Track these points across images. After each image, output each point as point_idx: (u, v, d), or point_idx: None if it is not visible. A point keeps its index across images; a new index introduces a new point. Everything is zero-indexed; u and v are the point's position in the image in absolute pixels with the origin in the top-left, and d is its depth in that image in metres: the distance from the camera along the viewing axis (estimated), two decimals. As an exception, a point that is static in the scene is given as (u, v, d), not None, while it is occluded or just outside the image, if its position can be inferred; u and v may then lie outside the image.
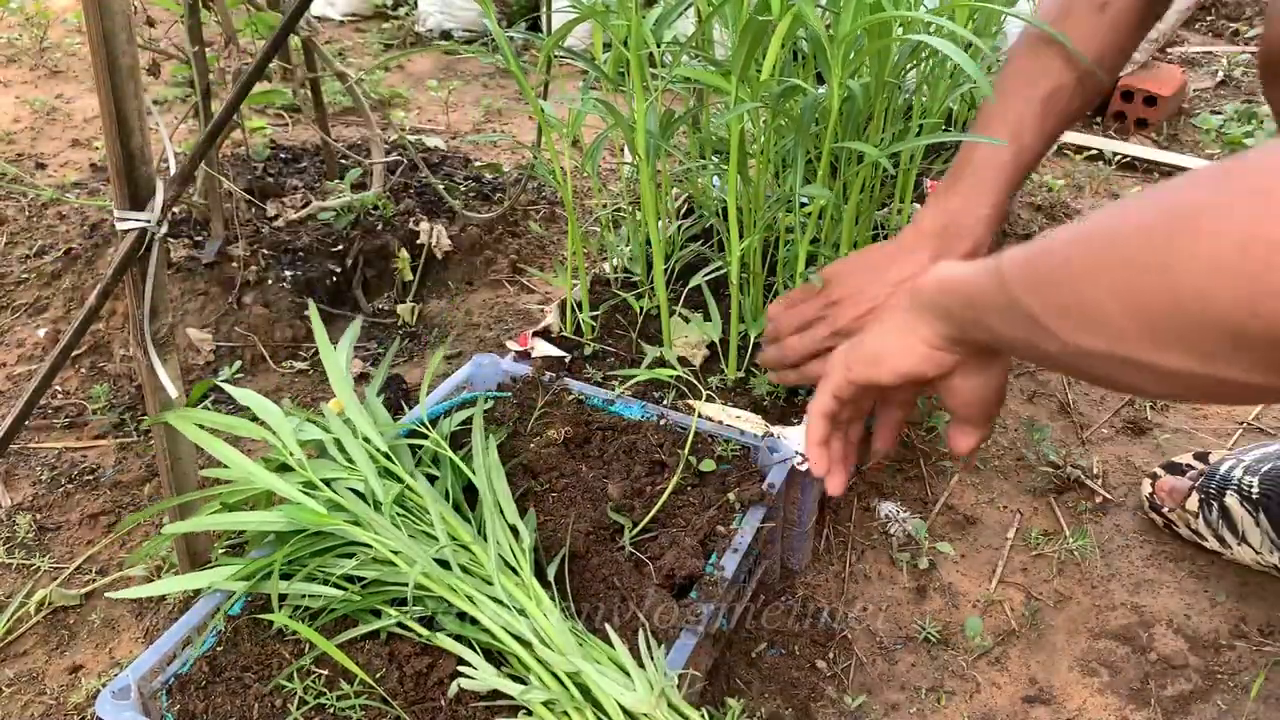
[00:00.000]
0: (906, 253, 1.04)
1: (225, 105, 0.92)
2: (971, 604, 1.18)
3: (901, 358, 0.78)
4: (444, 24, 3.26)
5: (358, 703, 0.83)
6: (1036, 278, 0.62)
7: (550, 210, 2.08)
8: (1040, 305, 0.61)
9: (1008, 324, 0.66)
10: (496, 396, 1.19)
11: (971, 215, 1.02)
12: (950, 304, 0.73)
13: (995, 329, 0.68)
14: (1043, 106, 1.02)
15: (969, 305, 0.71)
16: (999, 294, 0.66)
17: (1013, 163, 1.02)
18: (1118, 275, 0.54)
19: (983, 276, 0.69)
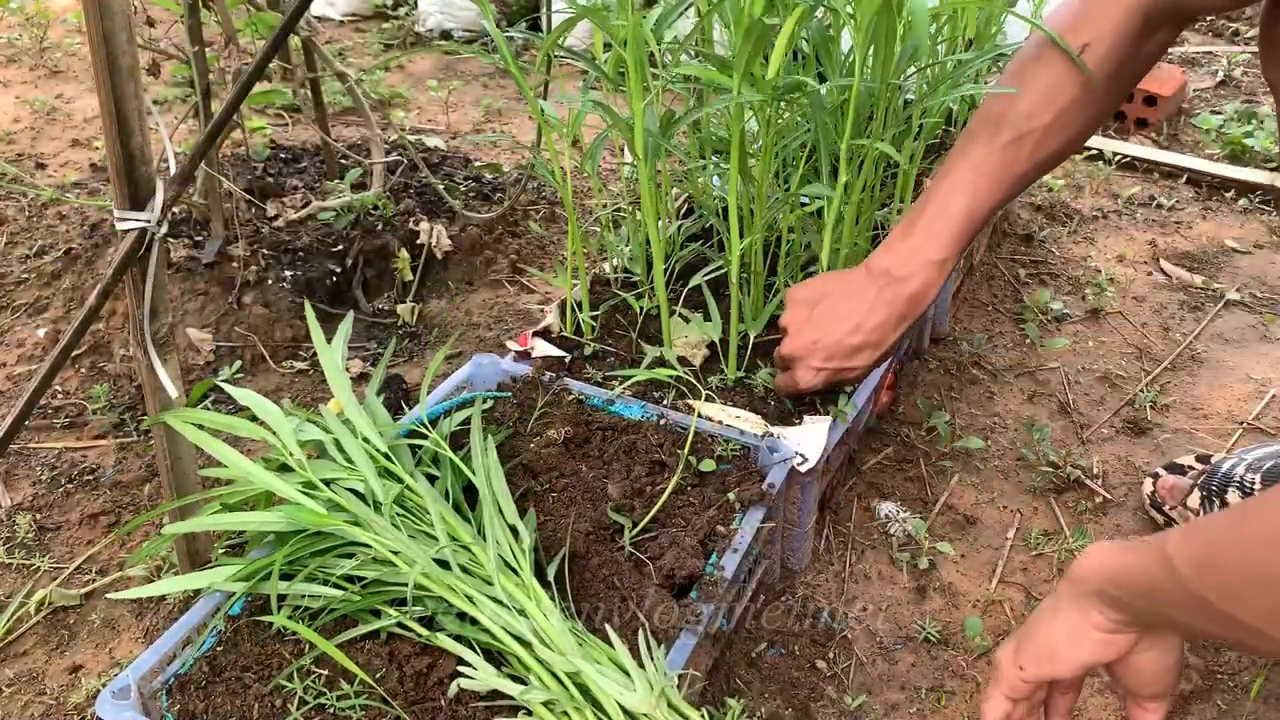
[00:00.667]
0: (856, 288, 1.06)
1: (225, 105, 0.91)
2: (971, 604, 1.18)
3: (1079, 649, 0.76)
4: (444, 24, 3.26)
5: (358, 703, 0.83)
6: (1225, 583, 0.62)
7: (550, 210, 2.08)
8: (1242, 610, 0.62)
9: (1204, 621, 0.65)
10: (496, 396, 1.19)
11: (918, 260, 1.03)
12: (1123, 595, 0.72)
13: (1184, 622, 0.68)
14: (1001, 157, 1.01)
15: (1146, 597, 0.70)
16: (1182, 592, 0.66)
17: (965, 212, 1.02)
18: None
19: (1155, 568, 0.68)
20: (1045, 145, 1.01)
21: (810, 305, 1.08)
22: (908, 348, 1.50)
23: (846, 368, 1.07)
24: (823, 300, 1.08)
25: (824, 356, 1.06)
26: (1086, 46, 0.98)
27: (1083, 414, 1.52)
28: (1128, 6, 0.97)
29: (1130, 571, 0.72)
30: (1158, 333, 1.72)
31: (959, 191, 1.02)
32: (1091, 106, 1.01)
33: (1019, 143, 1.01)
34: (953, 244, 1.02)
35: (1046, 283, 1.87)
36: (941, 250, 1.03)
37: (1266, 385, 1.57)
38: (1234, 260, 1.95)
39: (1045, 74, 1.00)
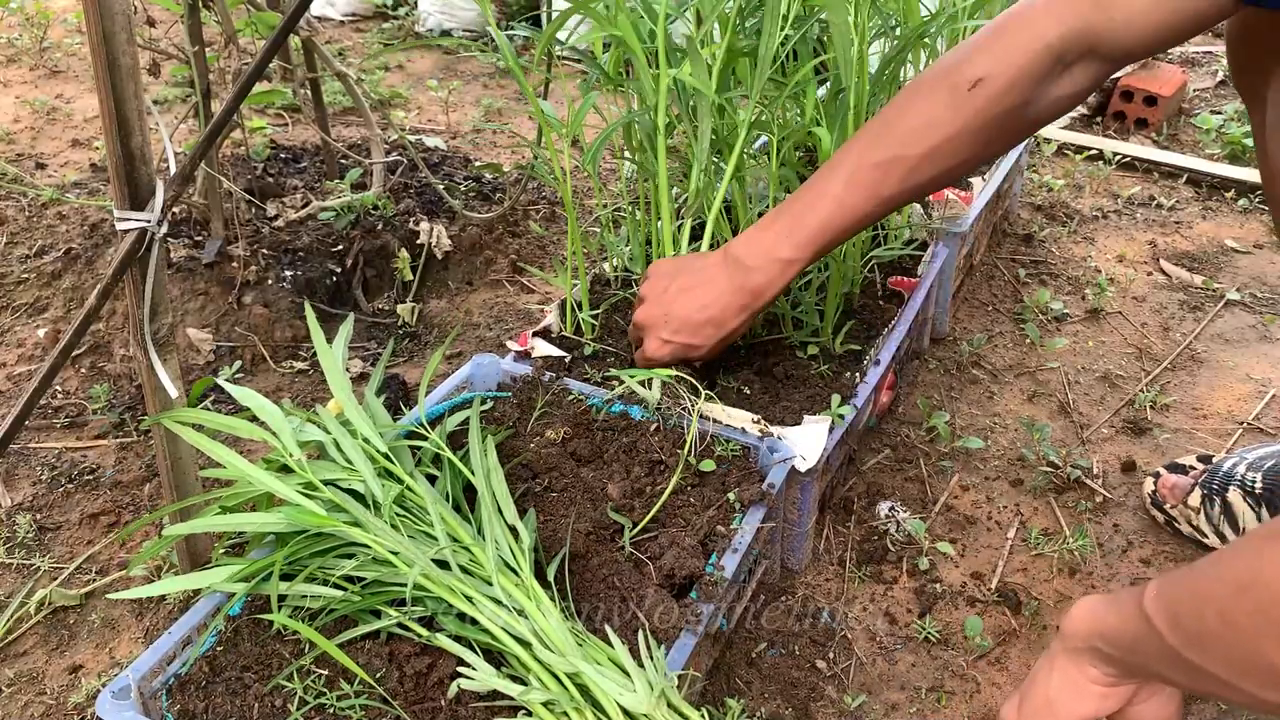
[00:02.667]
0: (709, 270, 1.07)
1: (225, 105, 0.92)
2: (971, 604, 1.18)
3: (1078, 704, 0.77)
4: (444, 24, 3.26)
5: (358, 703, 0.83)
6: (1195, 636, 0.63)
7: (550, 210, 2.08)
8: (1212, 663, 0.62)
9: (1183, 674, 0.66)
10: (496, 396, 1.19)
11: (771, 255, 1.04)
12: (1111, 651, 0.73)
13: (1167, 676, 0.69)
14: (873, 174, 0.99)
15: (1133, 652, 0.71)
16: (1160, 646, 0.66)
17: (824, 222, 1.01)
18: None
19: (1134, 623, 0.68)
20: (916, 174, 0.98)
21: (670, 279, 1.10)
22: (908, 348, 1.50)
23: (691, 344, 1.08)
24: (680, 276, 1.09)
25: (672, 329, 1.08)
26: (980, 81, 0.93)
27: (1083, 414, 1.52)
28: (1036, 45, 0.92)
29: (1116, 627, 0.73)
30: (1158, 333, 1.72)
31: (825, 199, 1.01)
32: (973, 145, 0.97)
33: (890, 166, 0.98)
34: (805, 249, 1.02)
35: (1046, 283, 1.87)
36: (792, 252, 1.03)
37: (1266, 385, 1.57)
38: (1234, 260, 1.95)
39: (929, 102, 0.96)
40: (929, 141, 0.96)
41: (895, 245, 1.46)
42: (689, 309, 1.07)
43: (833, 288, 1.30)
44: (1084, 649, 0.76)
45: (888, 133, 0.99)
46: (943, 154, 0.97)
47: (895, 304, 1.40)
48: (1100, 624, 0.74)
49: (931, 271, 1.45)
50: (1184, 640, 0.64)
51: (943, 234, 1.54)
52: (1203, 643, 0.63)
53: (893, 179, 0.99)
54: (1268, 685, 0.59)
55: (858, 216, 1.01)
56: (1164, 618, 0.66)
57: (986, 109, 0.94)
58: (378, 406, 1.05)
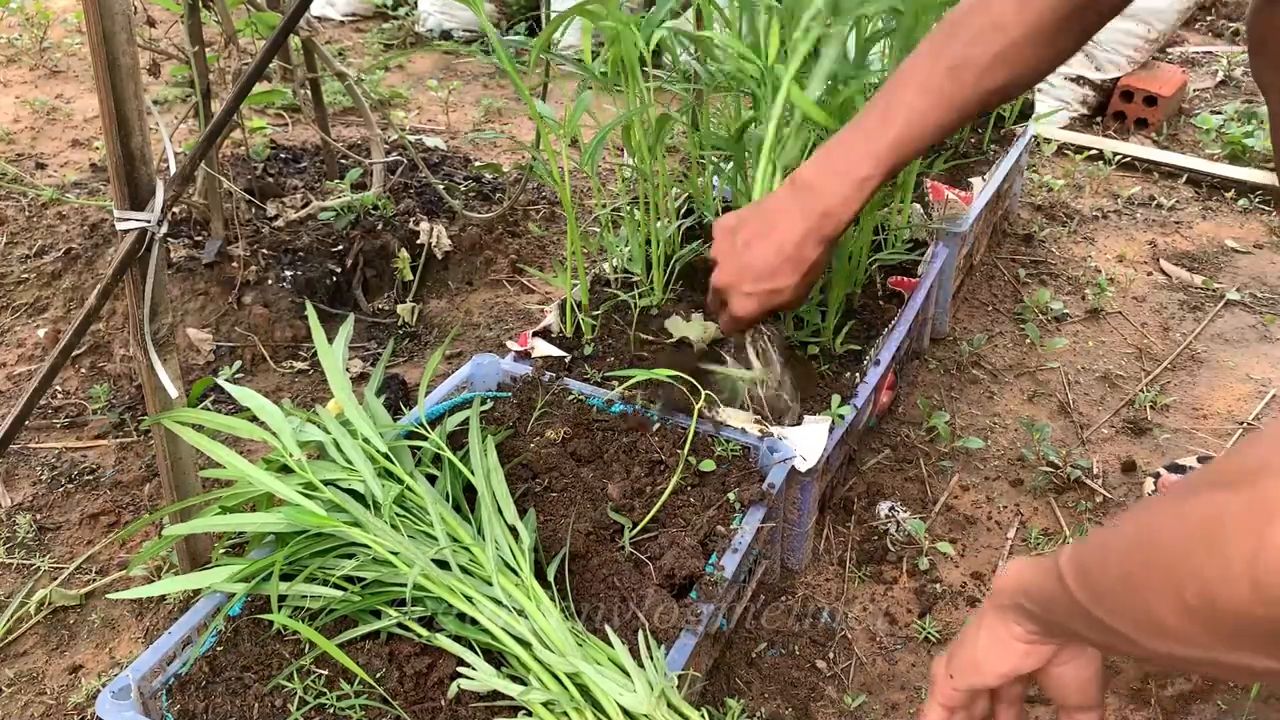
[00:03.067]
0: (775, 207, 1.02)
1: (225, 105, 0.92)
2: (971, 604, 1.18)
3: (1000, 659, 0.78)
4: (444, 24, 3.26)
5: (358, 703, 0.83)
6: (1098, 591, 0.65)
7: (550, 210, 2.08)
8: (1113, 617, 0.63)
9: (1092, 630, 0.67)
10: (496, 396, 1.19)
11: (845, 173, 0.98)
12: (1031, 606, 0.75)
13: (1081, 632, 0.70)
14: (942, 81, 0.95)
15: (1048, 609, 0.73)
16: (1070, 601, 0.68)
17: (901, 132, 0.97)
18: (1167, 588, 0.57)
19: (1051, 580, 0.70)
20: (990, 78, 0.95)
21: (735, 231, 1.04)
22: (908, 348, 1.50)
23: (774, 289, 1.02)
24: (746, 224, 1.04)
25: (753, 279, 1.01)
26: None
27: (1083, 414, 1.52)
28: None
29: (1036, 584, 0.73)
30: (1158, 333, 1.72)
31: (896, 112, 0.97)
32: (1040, 47, 0.94)
33: (958, 72, 0.95)
34: (882, 163, 0.97)
35: (1046, 283, 1.87)
36: (869, 168, 0.97)
37: (1266, 385, 1.57)
38: (1234, 260, 1.95)
39: (995, 6, 0.93)
40: (993, 49, 0.94)
41: (897, 249, 1.46)
42: (764, 254, 1.01)
43: (834, 288, 1.30)
44: (1009, 606, 0.77)
45: (957, 35, 0.95)
46: (1014, 55, 0.94)
47: (895, 304, 1.40)
48: (1022, 581, 0.75)
49: (931, 271, 1.45)
50: (1089, 595, 0.65)
51: (943, 234, 1.54)
52: (1104, 597, 0.64)
53: (962, 85, 0.95)
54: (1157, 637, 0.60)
55: (931, 127, 0.97)
56: (1072, 574, 0.67)
57: (1048, 14, 0.92)
58: (378, 406, 1.05)
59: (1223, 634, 0.54)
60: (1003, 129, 1.95)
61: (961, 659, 0.81)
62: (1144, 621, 0.60)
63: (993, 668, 0.79)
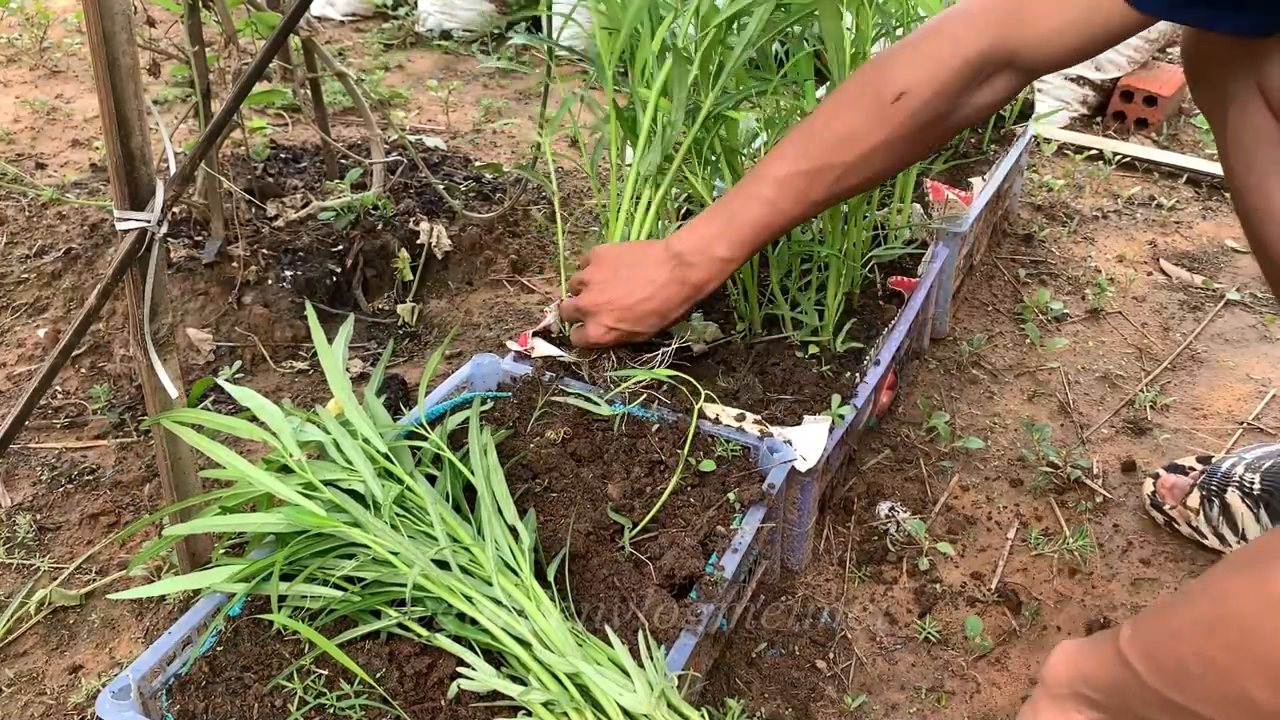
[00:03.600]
0: (653, 264, 1.12)
1: (225, 105, 0.92)
2: (971, 604, 1.18)
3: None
4: (444, 24, 3.26)
5: (358, 703, 0.83)
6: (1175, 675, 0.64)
7: (551, 210, 2.08)
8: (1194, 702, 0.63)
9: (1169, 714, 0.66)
10: (496, 396, 1.19)
11: (708, 253, 1.09)
12: (1095, 695, 0.74)
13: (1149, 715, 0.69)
14: (802, 181, 1.03)
15: (1116, 695, 0.72)
16: (1141, 687, 0.67)
17: (759, 223, 1.06)
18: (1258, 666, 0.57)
19: (1114, 665, 0.70)
20: (844, 181, 1.03)
21: (613, 269, 1.15)
22: (908, 348, 1.50)
23: (635, 331, 1.14)
24: (624, 266, 1.14)
25: (616, 317, 1.13)
26: (902, 95, 0.96)
27: (1083, 414, 1.52)
28: (955, 61, 0.94)
29: (1096, 671, 0.74)
30: (1158, 333, 1.72)
31: (759, 202, 1.06)
32: (897, 153, 1.02)
33: (820, 174, 1.03)
34: (741, 248, 1.08)
35: (1046, 283, 1.87)
36: (729, 251, 1.08)
37: (1266, 385, 1.57)
38: (1234, 260, 1.95)
39: (854, 113, 1.00)
40: (855, 151, 1.01)
41: (895, 245, 1.46)
42: (634, 299, 1.12)
43: (832, 288, 1.30)
44: (1067, 695, 0.77)
45: (816, 140, 1.03)
46: (868, 162, 1.02)
47: (895, 304, 1.40)
48: (1081, 669, 0.75)
49: (931, 271, 1.45)
50: (1164, 681, 0.65)
51: (943, 234, 1.54)
52: (1182, 682, 0.64)
53: (821, 185, 1.04)
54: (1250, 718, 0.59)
55: (789, 219, 1.07)
56: (1142, 659, 0.67)
57: (910, 121, 0.98)
58: (378, 406, 1.05)
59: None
60: (1003, 129, 1.95)
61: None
62: (1235, 704, 0.59)
63: None
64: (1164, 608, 0.66)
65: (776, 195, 1.05)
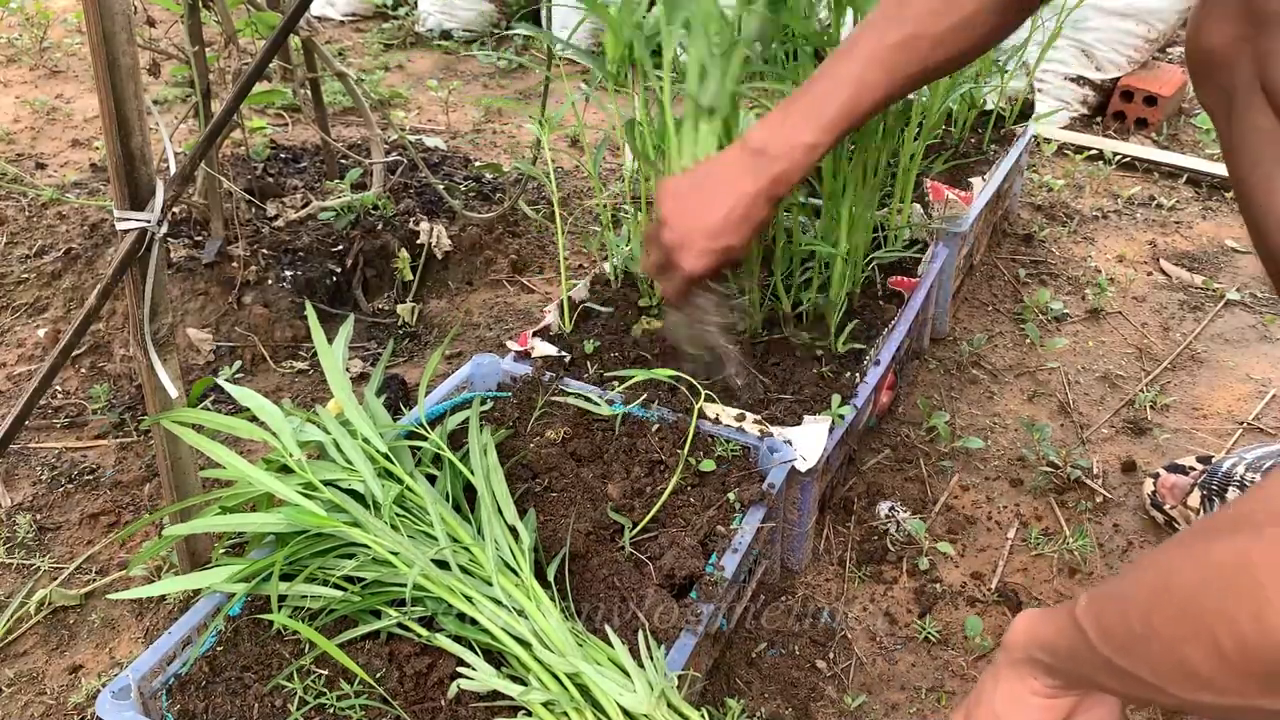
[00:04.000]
0: (729, 169, 1.04)
1: (225, 105, 0.92)
2: (971, 604, 1.18)
3: (1022, 715, 0.78)
4: (444, 24, 3.26)
5: (358, 703, 0.83)
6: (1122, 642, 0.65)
7: (551, 210, 2.08)
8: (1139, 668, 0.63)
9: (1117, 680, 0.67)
10: (496, 396, 1.19)
11: (791, 141, 1.01)
12: (1048, 659, 0.75)
13: (1104, 684, 0.70)
14: (893, 53, 0.98)
15: (1068, 661, 0.73)
16: (1092, 653, 0.68)
17: (847, 103, 1.00)
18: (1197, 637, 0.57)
19: (1070, 634, 0.70)
20: (937, 52, 0.98)
21: (688, 189, 1.07)
22: (908, 348, 1.50)
23: (729, 245, 1.05)
24: (699, 182, 1.07)
25: (708, 237, 1.04)
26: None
27: (1083, 414, 1.52)
28: None
29: (1052, 637, 0.74)
30: (1158, 333, 1.72)
31: (846, 81, 1.00)
32: (994, 18, 0.97)
33: (910, 44, 0.97)
34: (828, 132, 1.01)
35: (1046, 283, 1.87)
36: (816, 136, 1.01)
37: (1266, 385, 1.57)
38: (1234, 260, 1.95)
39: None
40: (948, 19, 0.96)
41: (896, 247, 1.46)
42: (720, 213, 1.04)
43: (834, 288, 1.30)
44: (1024, 660, 0.77)
45: (905, 9, 0.98)
46: (967, 27, 0.97)
47: (895, 304, 1.40)
48: (1038, 635, 0.75)
49: (931, 271, 1.45)
50: (1113, 647, 0.65)
51: (943, 234, 1.54)
52: (1129, 648, 0.64)
53: (914, 57, 0.98)
54: (1189, 686, 0.60)
55: (880, 97, 1.00)
56: (1093, 625, 0.67)
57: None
58: (378, 406, 1.05)
59: (1258, 678, 0.53)
60: (1002, 129, 1.95)
61: (979, 716, 0.80)
62: (1174, 671, 0.60)
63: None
64: (1118, 578, 0.67)
65: (865, 71, 0.98)
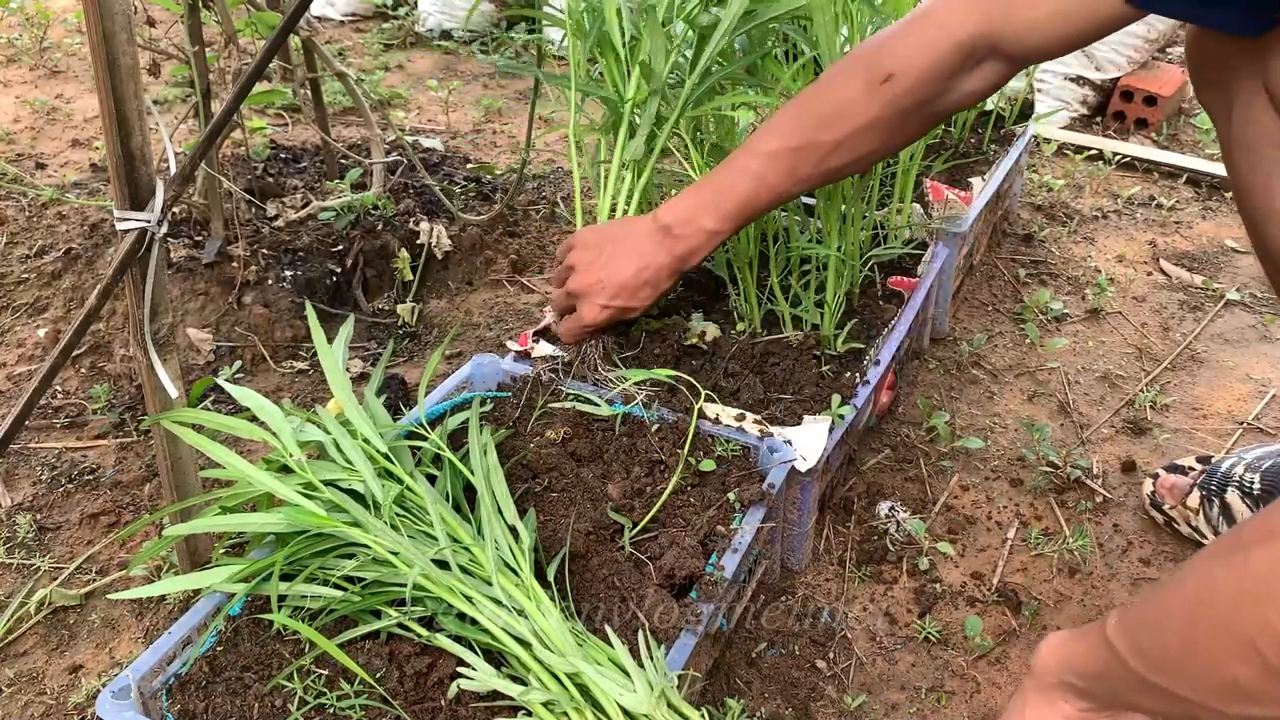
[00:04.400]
0: (640, 237, 1.12)
1: (225, 105, 0.92)
2: (971, 604, 1.18)
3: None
4: (444, 24, 3.26)
5: (358, 703, 0.83)
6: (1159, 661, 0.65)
7: (550, 210, 2.08)
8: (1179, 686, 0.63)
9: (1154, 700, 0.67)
10: (497, 396, 1.19)
11: (697, 224, 1.09)
12: (1082, 683, 0.75)
13: (1139, 703, 0.70)
14: (792, 156, 1.04)
15: (1102, 681, 0.73)
16: (1127, 674, 0.68)
17: (746, 196, 1.07)
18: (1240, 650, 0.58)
19: (1102, 655, 0.70)
20: (831, 159, 1.03)
21: (599, 246, 1.14)
22: (908, 348, 1.50)
23: (629, 306, 1.13)
24: (610, 243, 1.14)
25: (610, 294, 1.12)
26: (891, 77, 0.97)
27: (1083, 414, 1.52)
28: (943, 45, 0.95)
29: (1083, 659, 0.74)
30: (1158, 333, 1.72)
31: (747, 176, 1.06)
32: (884, 135, 1.02)
33: (807, 150, 1.03)
34: (728, 220, 1.08)
35: (1046, 283, 1.87)
36: (716, 223, 1.08)
37: (1266, 385, 1.57)
38: (1234, 260, 1.95)
39: (844, 91, 1.01)
40: (843, 130, 1.01)
41: (895, 245, 1.46)
42: (624, 274, 1.12)
43: (831, 287, 1.30)
44: (1055, 684, 0.78)
45: (806, 116, 1.04)
46: (856, 142, 1.02)
47: (895, 304, 1.40)
48: (1068, 658, 0.76)
49: (931, 271, 1.45)
50: (1148, 666, 0.66)
51: (943, 234, 1.54)
52: (1166, 667, 0.64)
53: (808, 162, 1.04)
54: (1233, 700, 0.60)
55: (776, 193, 1.07)
56: (1127, 645, 0.68)
57: (896, 102, 0.99)
58: (378, 406, 1.05)
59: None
60: (1002, 129, 1.95)
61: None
62: (1216, 686, 0.60)
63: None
64: (1149, 595, 0.67)
65: (764, 169, 1.05)
